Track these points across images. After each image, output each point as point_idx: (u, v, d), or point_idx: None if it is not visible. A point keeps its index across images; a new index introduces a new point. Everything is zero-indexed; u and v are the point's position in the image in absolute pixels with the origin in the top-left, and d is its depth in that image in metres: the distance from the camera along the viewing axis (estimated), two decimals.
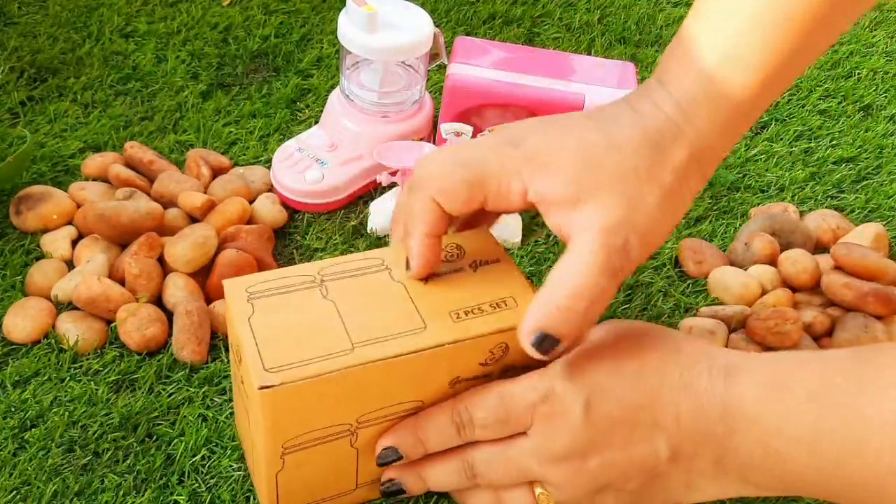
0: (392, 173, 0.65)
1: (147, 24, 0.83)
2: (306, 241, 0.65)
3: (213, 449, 0.51)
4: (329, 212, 0.68)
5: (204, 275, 0.59)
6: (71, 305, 0.58)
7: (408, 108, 0.70)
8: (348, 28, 0.66)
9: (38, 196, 0.62)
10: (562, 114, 0.46)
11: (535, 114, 0.60)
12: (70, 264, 0.60)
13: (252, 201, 0.66)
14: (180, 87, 0.77)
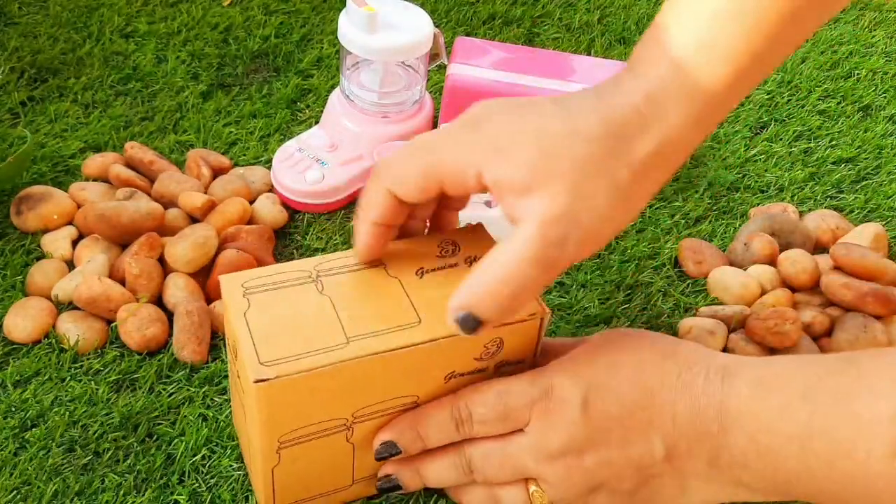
0: None
1: (147, 24, 0.83)
2: (306, 241, 0.65)
3: (213, 449, 0.51)
4: (329, 212, 0.68)
5: (204, 275, 0.60)
6: (71, 305, 0.58)
7: (408, 108, 0.70)
8: (348, 28, 0.66)
9: (38, 196, 0.62)
10: (528, 97, 0.45)
11: None
12: (70, 264, 0.60)
13: (252, 201, 0.66)
14: (181, 88, 0.77)
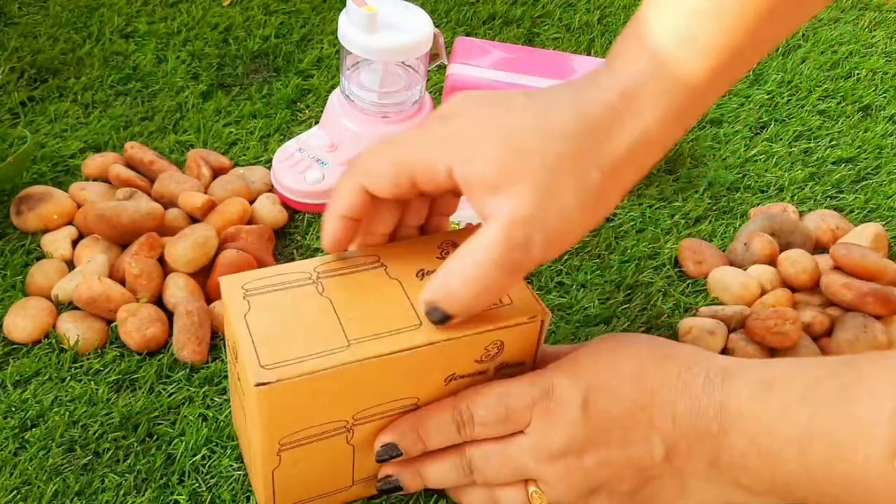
0: None
1: (147, 24, 0.83)
2: (307, 241, 0.65)
3: (213, 449, 0.51)
4: None
5: (204, 275, 0.60)
6: (71, 305, 0.58)
7: (408, 108, 0.70)
8: (348, 28, 0.66)
9: (38, 196, 0.62)
10: (503, 91, 0.44)
11: None
12: (70, 264, 0.60)
13: (252, 201, 0.66)
14: (181, 88, 0.77)
